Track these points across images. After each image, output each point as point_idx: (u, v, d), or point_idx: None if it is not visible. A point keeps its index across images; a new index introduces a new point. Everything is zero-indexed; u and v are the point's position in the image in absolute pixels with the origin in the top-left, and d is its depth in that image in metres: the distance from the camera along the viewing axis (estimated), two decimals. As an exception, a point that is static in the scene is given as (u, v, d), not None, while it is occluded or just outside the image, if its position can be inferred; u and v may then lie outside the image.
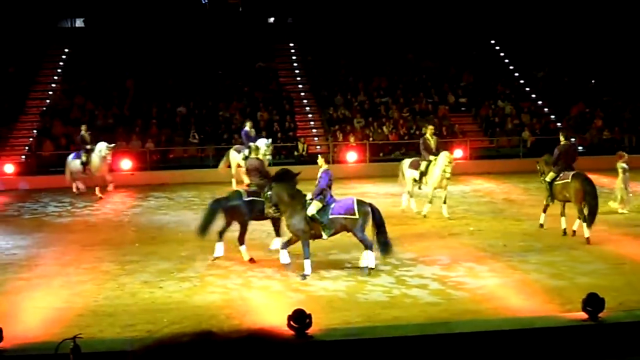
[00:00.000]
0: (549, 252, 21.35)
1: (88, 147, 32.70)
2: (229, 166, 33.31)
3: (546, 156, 25.13)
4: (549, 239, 22.97)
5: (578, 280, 18.26)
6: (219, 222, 20.95)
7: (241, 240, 20.80)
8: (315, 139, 43.48)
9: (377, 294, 17.57)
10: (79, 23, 55.25)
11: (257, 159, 22.96)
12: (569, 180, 23.22)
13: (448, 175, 25.69)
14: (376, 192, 31.70)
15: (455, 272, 19.32)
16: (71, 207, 31.29)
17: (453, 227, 25.11)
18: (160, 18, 50.82)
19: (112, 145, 33.36)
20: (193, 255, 21.63)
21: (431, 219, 26.67)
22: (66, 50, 50.26)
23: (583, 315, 13.57)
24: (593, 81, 47.44)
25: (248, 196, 20.96)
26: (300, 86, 48.07)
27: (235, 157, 32.69)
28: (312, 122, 45.12)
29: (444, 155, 26.06)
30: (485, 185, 33.94)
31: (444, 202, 26.48)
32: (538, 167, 25.38)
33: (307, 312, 13.18)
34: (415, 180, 26.99)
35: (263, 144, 29.53)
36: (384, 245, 19.48)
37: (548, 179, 24.08)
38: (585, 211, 22.77)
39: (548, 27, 50.74)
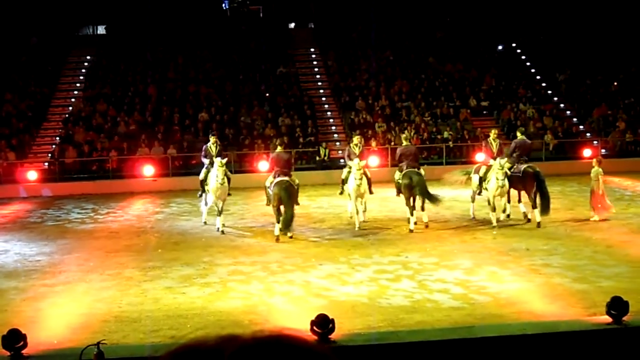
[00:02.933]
0: (572, 255, 21.26)
1: (207, 161, 26.96)
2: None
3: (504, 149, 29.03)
4: (572, 243, 22.87)
5: (602, 284, 18.18)
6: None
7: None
8: (337, 143, 43.46)
9: (399, 299, 17.56)
10: (101, 30, 55.57)
11: (413, 145, 27.69)
12: (521, 173, 26.20)
13: (501, 182, 24.61)
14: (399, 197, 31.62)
15: (478, 276, 19.27)
16: (94, 213, 31.42)
17: (475, 231, 25.06)
18: (182, 24, 50.99)
19: (224, 160, 26.27)
20: (215, 261, 21.70)
21: (453, 223, 26.64)
22: (88, 57, 50.52)
23: (607, 319, 13.48)
24: (615, 83, 47.18)
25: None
26: (321, 91, 48.13)
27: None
28: (333, 127, 45.13)
29: (497, 161, 25.09)
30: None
31: (503, 211, 25.95)
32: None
33: (330, 317, 13.17)
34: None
35: (356, 162, 25.78)
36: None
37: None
38: (538, 200, 25.52)
39: (569, 29, 50.62)
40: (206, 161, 26.66)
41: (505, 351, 13.19)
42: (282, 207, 24.33)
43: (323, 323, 12.96)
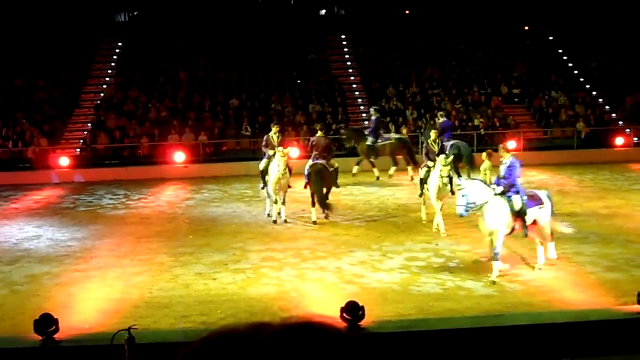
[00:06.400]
0: (605, 244, 21.12)
1: (270, 152, 25.66)
2: None
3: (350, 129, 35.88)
4: (604, 231, 22.71)
5: (634, 273, 18.07)
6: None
7: None
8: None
9: (430, 286, 17.53)
10: (133, 17, 55.70)
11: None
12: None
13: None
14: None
15: (509, 264, 19.18)
16: (125, 199, 31.56)
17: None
18: (213, 11, 51.04)
19: (286, 149, 25.43)
20: (247, 247, 21.75)
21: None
22: (119, 43, 50.71)
23: (638, 307, 13.43)
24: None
25: None
26: (352, 78, 48.01)
27: None
28: (364, 114, 45.03)
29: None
30: (539, 177, 33.61)
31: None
32: (344, 136, 35.16)
33: (360, 304, 13.18)
34: None
35: (442, 158, 23.11)
36: None
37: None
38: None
39: (602, 16, 50.15)
40: (270, 152, 25.59)
41: (535, 339, 13.16)
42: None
43: (353, 310, 12.99)
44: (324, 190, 25.00)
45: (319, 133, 26.27)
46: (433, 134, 24.83)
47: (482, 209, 18.04)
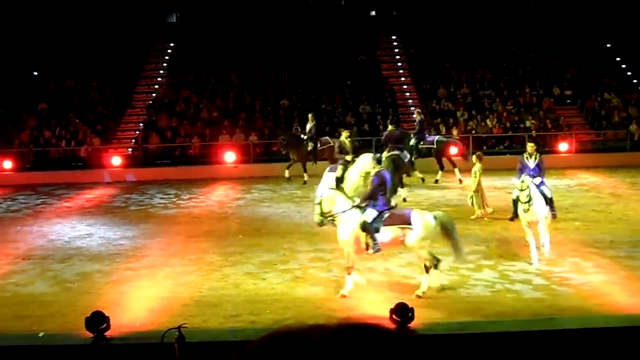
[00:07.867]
0: (658, 248, 20.86)
1: (348, 158, 24.70)
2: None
3: (289, 135, 35.07)
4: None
5: (688, 277, 17.83)
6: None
7: None
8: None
9: (480, 289, 17.42)
10: (185, 18, 56.04)
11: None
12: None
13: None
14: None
15: (560, 267, 19.02)
16: (176, 199, 31.78)
17: (558, 222, 24.61)
18: (265, 12, 51.22)
19: (377, 155, 23.36)
20: (296, 247, 21.78)
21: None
22: (172, 44, 51.06)
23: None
24: None
25: None
26: (402, 79, 47.91)
27: None
28: (414, 115, 44.88)
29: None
30: (591, 180, 33.31)
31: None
32: (283, 142, 35.00)
33: (410, 305, 13.14)
34: None
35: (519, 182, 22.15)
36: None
37: None
38: None
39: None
40: (348, 157, 25.01)
41: (587, 344, 13.02)
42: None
43: (402, 311, 12.95)
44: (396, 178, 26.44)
45: (390, 127, 29.60)
46: (530, 147, 21.99)
47: (337, 220, 17.46)
